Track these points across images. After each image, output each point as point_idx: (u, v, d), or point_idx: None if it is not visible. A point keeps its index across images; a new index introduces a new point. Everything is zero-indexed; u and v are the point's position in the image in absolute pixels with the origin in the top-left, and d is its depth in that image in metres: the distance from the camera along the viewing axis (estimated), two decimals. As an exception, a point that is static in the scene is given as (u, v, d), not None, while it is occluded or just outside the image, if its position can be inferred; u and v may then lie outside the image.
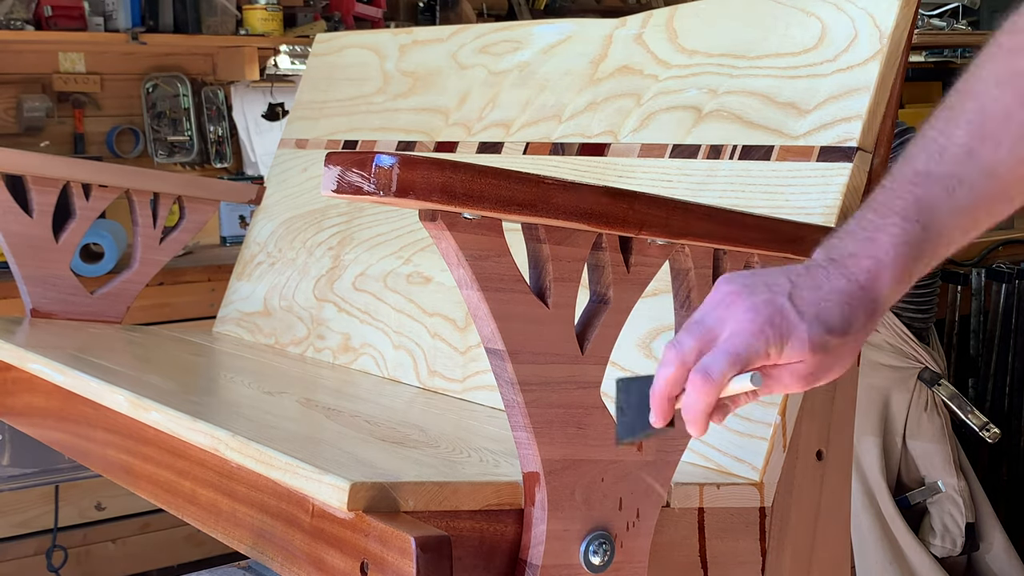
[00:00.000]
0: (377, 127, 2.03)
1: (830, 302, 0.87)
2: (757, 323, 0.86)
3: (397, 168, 0.91)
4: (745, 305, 0.87)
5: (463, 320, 1.64)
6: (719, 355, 0.87)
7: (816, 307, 0.87)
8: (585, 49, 1.73)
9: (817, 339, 0.86)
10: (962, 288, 2.57)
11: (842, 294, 0.87)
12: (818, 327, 0.86)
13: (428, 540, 0.95)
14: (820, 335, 0.86)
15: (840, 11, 1.39)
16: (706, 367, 0.87)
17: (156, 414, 1.28)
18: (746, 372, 0.86)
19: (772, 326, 0.86)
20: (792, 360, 0.87)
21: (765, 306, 0.87)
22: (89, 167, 2.03)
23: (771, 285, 0.88)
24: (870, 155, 1.33)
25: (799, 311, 0.86)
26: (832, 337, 0.86)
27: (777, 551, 1.31)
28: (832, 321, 0.87)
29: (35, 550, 2.91)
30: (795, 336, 0.86)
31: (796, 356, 0.86)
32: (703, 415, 0.88)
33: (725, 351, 0.86)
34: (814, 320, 0.86)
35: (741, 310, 0.87)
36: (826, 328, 0.86)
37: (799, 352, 0.86)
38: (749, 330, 0.86)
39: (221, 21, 3.48)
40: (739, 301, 0.87)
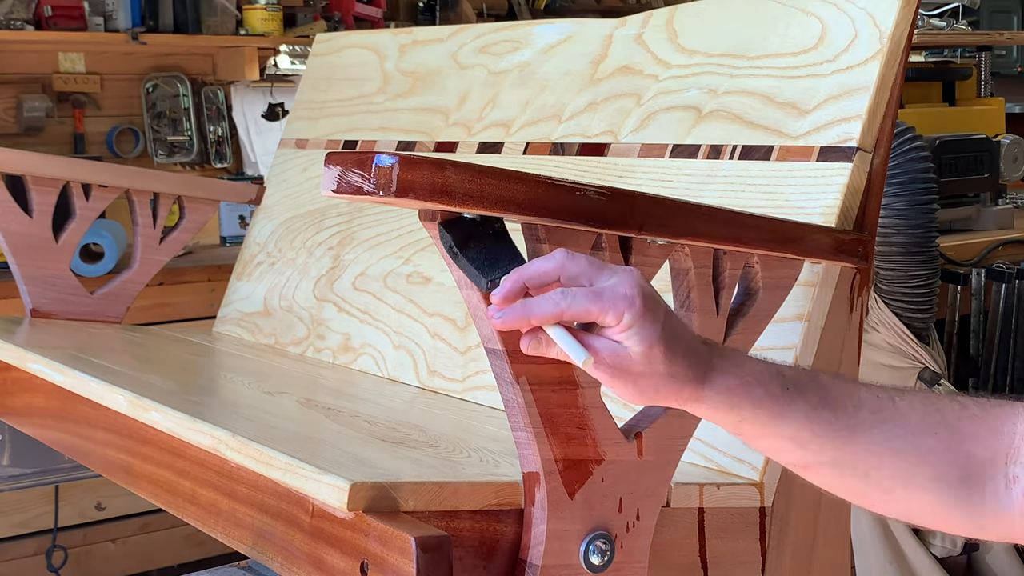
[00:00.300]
0: (377, 127, 2.03)
1: (684, 340, 0.92)
2: (632, 292, 0.90)
3: (397, 168, 0.91)
4: (634, 279, 0.91)
5: (463, 320, 1.64)
6: (583, 292, 0.90)
7: (676, 332, 0.92)
8: (585, 49, 1.73)
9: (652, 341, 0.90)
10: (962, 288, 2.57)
11: (692, 351, 0.93)
12: (663, 338, 0.91)
13: (428, 540, 0.95)
14: (656, 342, 0.90)
15: (840, 11, 1.39)
16: (569, 291, 0.90)
17: (156, 414, 1.28)
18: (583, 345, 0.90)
19: (640, 301, 0.90)
20: (620, 338, 0.90)
21: (646, 296, 0.91)
22: (89, 167, 2.03)
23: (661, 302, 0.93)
24: (870, 155, 1.33)
25: (664, 316, 0.91)
26: (660, 352, 0.90)
27: (777, 551, 1.31)
28: (674, 348, 0.91)
29: (35, 550, 2.92)
30: (646, 324, 0.90)
31: (629, 340, 0.90)
32: (527, 321, 0.91)
33: (591, 291, 0.90)
34: (664, 331, 0.91)
35: (629, 280, 0.91)
36: (666, 343, 0.91)
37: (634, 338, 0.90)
38: (622, 293, 0.90)
39: (221, 21, 3.48)
40: (634, 277, 0.92)
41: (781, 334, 1.28)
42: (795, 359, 1.29)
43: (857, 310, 1.37)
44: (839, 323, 1.34)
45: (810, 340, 1.30)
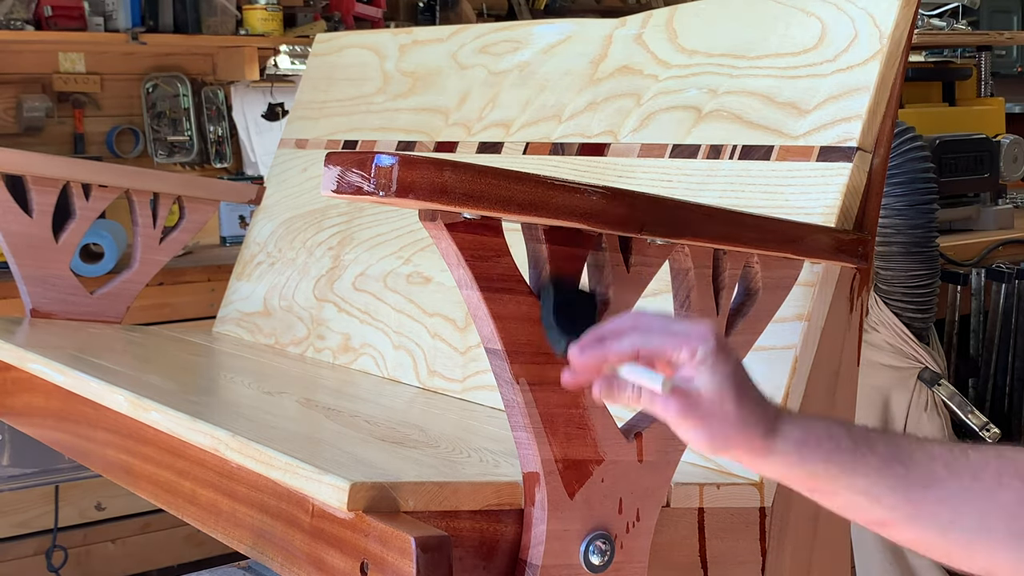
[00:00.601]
0: (377, 127, 2.03)
1: (753, 389, 0.93)
2: (706, 332, 0.92)
3: (397, 168, 0.91)
4: (708, 325, 0.93)
5: (463, 320, 1.64)
6: (658, 331, 0.93)
7: (747, 380, 0.93)
8: (585, 49, 1.73)
9: (723, 380, 0.91)
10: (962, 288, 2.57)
11: (760, 400, 0.94)
12: (734, 379, 0.92)
13: (428, 540, 0.95)
14: (726, 382, 0.91)
15: (840, 11, 1.39)
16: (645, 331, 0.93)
17: (156, 414, 1.28)
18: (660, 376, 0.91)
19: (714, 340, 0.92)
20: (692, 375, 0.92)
21: (719, 338, 0.93)
22: (89, 167, 2.03)
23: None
24: (870, 155, 1.33)
25: (736, 363, 0.93)
26: (730, 394, 0.91)
27: (777, 551, 1.31)
28: (745, 393, 0.92)
29: (35, 550, 2.91)
30: (719, 363, 0.92)
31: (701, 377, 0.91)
32: (603, 358, 0.93)
33: (666, 330, 0.93)
34: (735, 374, 0.92)
35: (704, 325, 0.93)
36: (737, 386, 0.92)
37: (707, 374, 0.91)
38: (696, 331, 0.92)
39: (221, 21, 3.48)
40: (708, 324, 0.94)
41: (781, 334, 1.28)
42: (795, 359, 1.29)
43: (857, 310, 1.37)
44: (839, 323, 1.34)
45: (810, 340, 1.30)
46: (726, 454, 0.94)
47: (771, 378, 1.29)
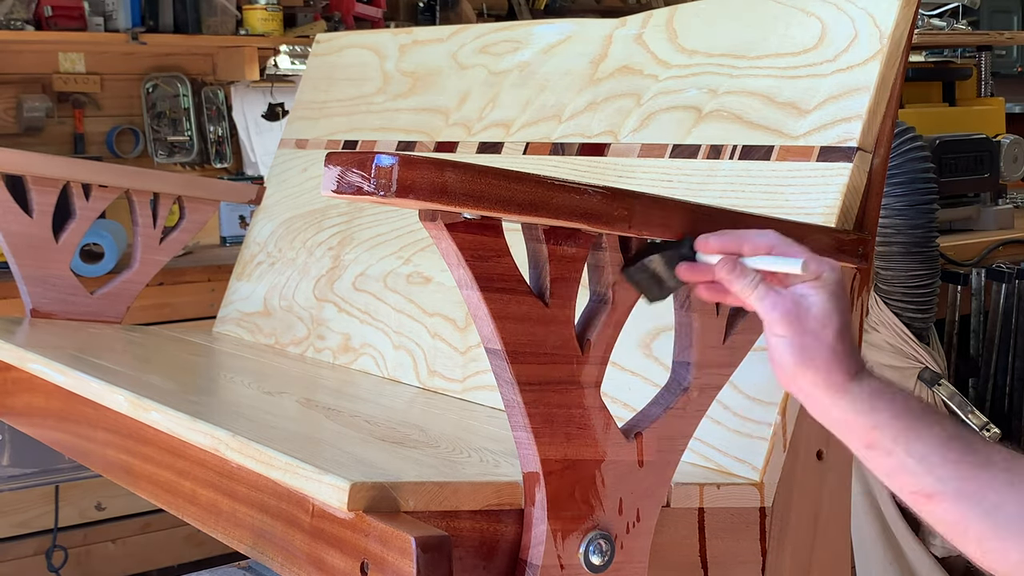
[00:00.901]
0: (377, 127, 2.03)
1: (853, 333, 0.99)
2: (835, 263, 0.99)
3: (397, 168, 0.91)
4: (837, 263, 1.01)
5: (463, 320, 1.64)
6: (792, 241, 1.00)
7: (851, 323, 0.98)
8: (585, 49, 1.73)
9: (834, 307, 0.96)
10: (962, 288, 2.57)
11: (855, 345, 0.99)
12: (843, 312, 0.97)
13: (428, 540, 0.95)
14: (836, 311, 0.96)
15: (840, 11, 1.39)
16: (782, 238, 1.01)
17: (156, 414, 1.28)
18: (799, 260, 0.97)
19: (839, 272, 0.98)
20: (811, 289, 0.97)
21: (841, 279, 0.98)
22: (89, 167, 2.03)
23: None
24: (870, 155, 1.33)
25: (848, 305, 0.98)
26: (835, 321, 0.96)
27: (777, 551, 1.31)
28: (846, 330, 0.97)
29: (35, 550, 2.92)
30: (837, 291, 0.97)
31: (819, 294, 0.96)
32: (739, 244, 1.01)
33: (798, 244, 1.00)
34: (845, 312, 0.97)
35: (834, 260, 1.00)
36: (843, 320, 0.97)
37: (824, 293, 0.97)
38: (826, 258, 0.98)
39: (221, 21, 3.48)
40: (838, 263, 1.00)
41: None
42: (795, 359, 1.29)
43: (857, 310, 1.37)
44: (839, 323, 1.34)
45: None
46: (803, 380, 0.97)
47: (771, 378, 1.29)
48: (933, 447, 0.93)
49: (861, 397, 0.95)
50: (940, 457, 0.93)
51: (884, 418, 0.94)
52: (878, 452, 0.96)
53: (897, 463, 0.95)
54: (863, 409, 0.95)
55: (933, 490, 0.93)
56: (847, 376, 0.95)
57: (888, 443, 0.94)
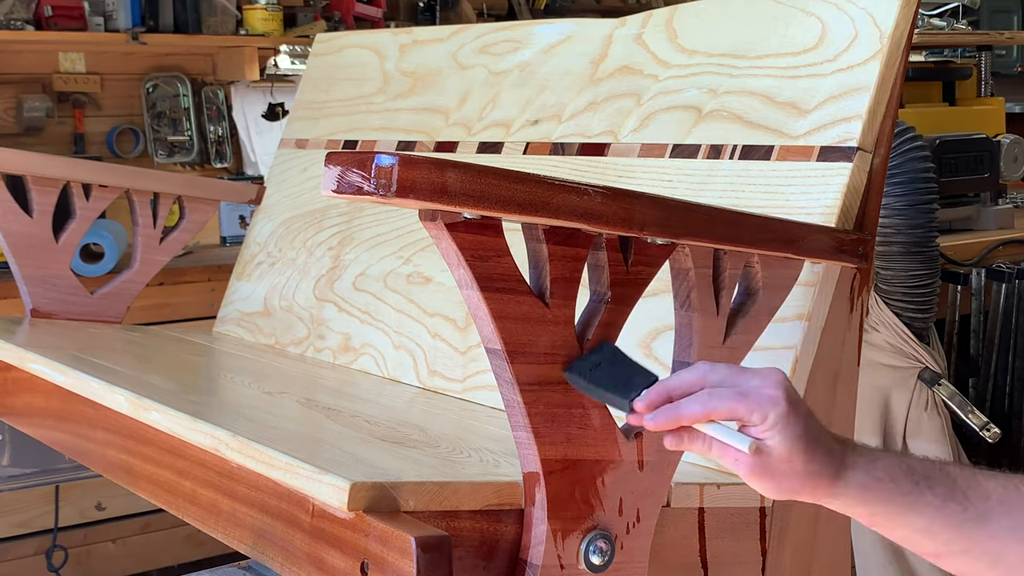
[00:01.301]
0: (377, 127, 2.03)
1: (822, 441, 0.98)
2: (777, 394, 0.97)
3: (397, 168, 0.91)
4: (778, 380, 0.98)
5: (463, 320, 1.64)
6: (729, 392, 0.97)
7: (816, 433, 0.98)
8: (585, 49, 1.73)
9: (793, 441, 0.97)
10: (962, 288, 2.57)
11: (828, 451, 0.99)
12: (803, 438, 0.97)
13: (428, 540, 0.95)
14: (796, 442, 0.97)
15: (840, 11, 1.39)
16: (716, 392, 0.97)
17: (156, 414, 1.28)
18: (743, 433, 0.97)
19: (785, 402, 0.97)
20: (763, 437, 0.97)
21: (790, 397, 0.97)
22: (89, 167, 2.03)
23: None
24: (870, 155, 1.33)
25: (806, 417, 0.98)
26: (800, 452, 0.97)
27: (777, 551, 1.31)
28: (813, 448, 0.98)
29: (35, 550, 2.91)
30: (789, 425, 0.97)
31: (772, 440, 0.97)
32: (676, 421, 0.98)
33: (737, 391, 0.97)
34: (805, 432, 0.97)
35: (773, 381, 0.97)
36: (806, 444, 0.97)
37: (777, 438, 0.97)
38: (767, 394, 0.97)
39: (221, 21, 3.48)
40: (778, 378, 0.98)
41: (781, 334, 1.28)
42: (795, 359, 1.29)
43: (857, 310, 1.37)
44: (839, 323, 1.34)
45: (810, 340, 1.30)
46: (794, 498, 1.01)
47: (771, 378, 1.29)
48: (931, 518, 0.98)
49: (850, 496, 0.99)
50: (940, 525, 0.98)
51: (879, 507, 0.99)
52: (883, 531, 1.01)
53: (903, 536, 1.01)
54: (857, 504, 1.00)
55: (940, 552, 0.99)
56: (830, 484, 0.99)
57: (889, 525, 1.00)
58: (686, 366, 1.13)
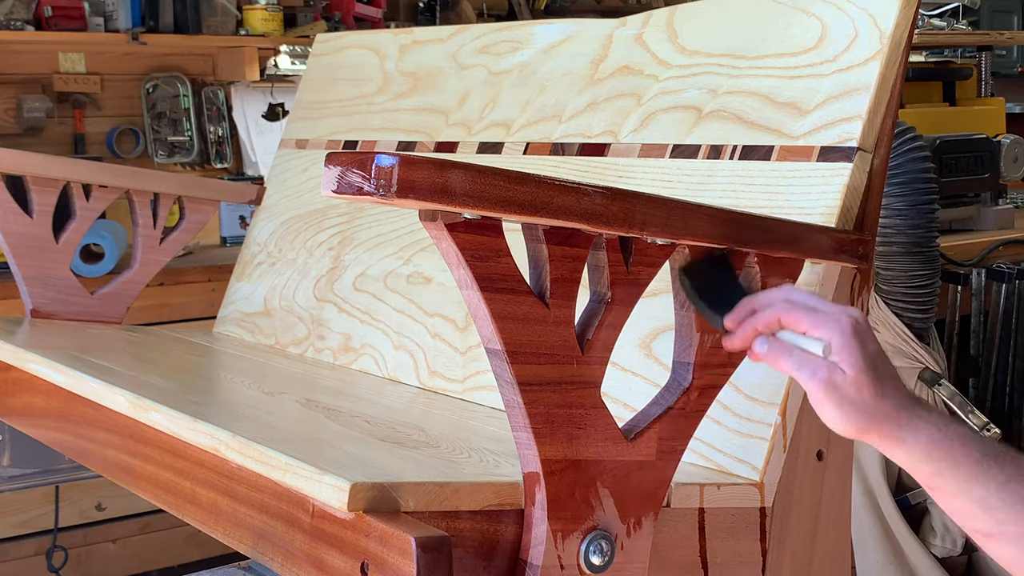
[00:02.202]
0: (377, 127, 2.03)
1: (892, 380, 1.02)
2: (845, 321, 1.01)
3: (397, 168, 0.91)
4: (851, 312, 1.02)
5: (463, 320, 1.64)
6: (803, 305, 1.03)
7: (886, 370, 1.02)
8: (585, 49, 1.73)
9: (861, 366, 1.00)
10: (962, 288, 2.57)
11: (899, 391, 1.02)
12: (870, 367, 1.01)
13: (428, 540, 0.95)
14: (864, 369, 1.00)
15: (840, 11, 1.39)
16: (792, 301, 1.04)
17: (156, 414, 1.28)
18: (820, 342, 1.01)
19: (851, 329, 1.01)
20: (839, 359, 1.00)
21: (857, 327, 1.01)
22: (89, 167, 2.03)
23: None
24: (870, 155, 1.33)
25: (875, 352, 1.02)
26: (867, 380, 1.00)
27: (777, 551, 1.31)
28: (882, 382, 1.01)
29: (35, 550, 2.92)
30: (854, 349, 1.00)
31: (842, 361, 1.00)
32: (754, 328, 1.05)
33: (810, 306, 1.03)
34: (873, 362, 1.01)
35: (846, 312, 1.02)
36: (874, 374, 1.01)
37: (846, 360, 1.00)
38: (836, 318, 1.01)
39: (221, 21, 3.48)
40: (852, 311, 1.02)
41: (781, 334, 1.28)
42: (795, 359, 1.29)
43: (857, 310, 1.36)
44: (839, 323, 1.34)
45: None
46: (859, 438, 1.01)
47: (771, 378, 1.29)
48: (992, 491, 0.98)
49: (917, 447, 0.99)
50: (999, 500, 0.98)
51: (944, 467, 0.99)
52: (940, 494, 1.01)
53: (959, 505, 1.00)
54: (921, 456, 1.00)
55: (992, 531, 0.99)
56: (897, 426, 1.00)
57: (950, 487, 0.99)
58: (686, 366, 1.14)
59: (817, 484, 1.35)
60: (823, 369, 1.00)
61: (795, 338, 1.02)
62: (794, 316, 1.02)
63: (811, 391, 1.00)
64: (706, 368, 1.14)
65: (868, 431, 1.00)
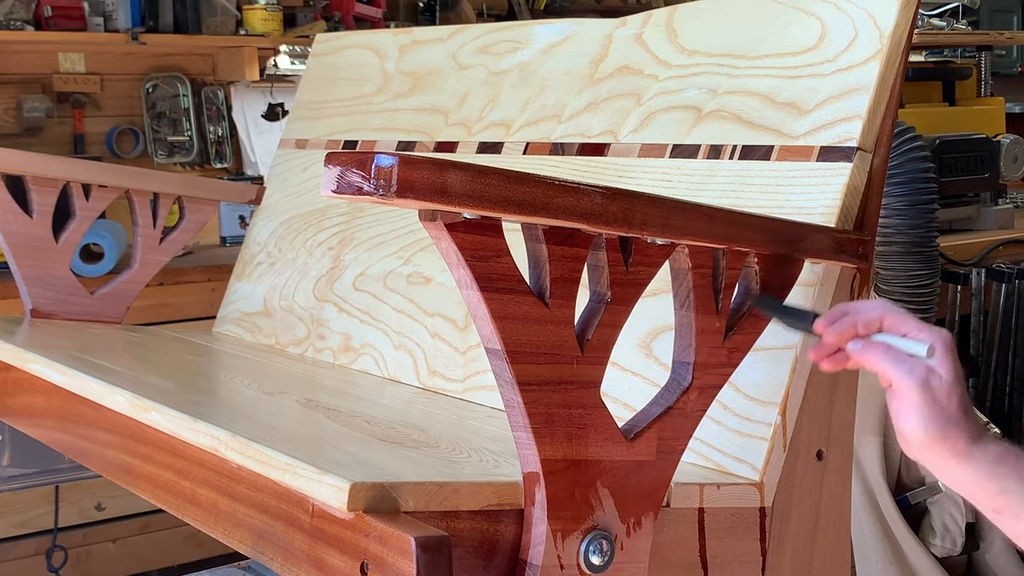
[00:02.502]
0: (377, 127, 2.03)
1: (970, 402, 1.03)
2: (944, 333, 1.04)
3: (397, 168, 0.91)
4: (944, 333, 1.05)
5: (463, 320, 1.64)
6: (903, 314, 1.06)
7: (967, 394, 1.03)
8: (585, 49, 1.73)
9: (956, 379, 1.02)
10: (962, 288, 2.57)
11: (974, 413, 1.03)
12: (961, 384, 1.03)
13: (428, 540, 0.95)
14: (958, 383, 1.02)
15: (840, 11, 1.39)
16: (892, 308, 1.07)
17: (156, 414, 1.28)
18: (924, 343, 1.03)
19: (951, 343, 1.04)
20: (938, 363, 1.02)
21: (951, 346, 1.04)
22: (89, 167, 2.03)
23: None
24: (870, 155, 1.33)
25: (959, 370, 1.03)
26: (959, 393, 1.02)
27: (777, 551, 1.31)
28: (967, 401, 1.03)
29: (35, 550, 2.92)
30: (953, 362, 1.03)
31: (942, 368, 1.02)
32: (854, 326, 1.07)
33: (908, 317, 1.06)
34: (962, 382, 1.03)
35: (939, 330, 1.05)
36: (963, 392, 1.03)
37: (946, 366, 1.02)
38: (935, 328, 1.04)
39: (221, 21, 3.48)
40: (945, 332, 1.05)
41: (781, 334, 1.28)
42: (795, 359, 1.29)
43: (857, 310, 1.36)
44: (839, 323, 1.34)
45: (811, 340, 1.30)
46: (930, 450, 1.02)
47: (771, 378, 1.29)
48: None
49: (985, 463, 1.00)
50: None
51: (1010, 484, 0.99)
52: (1007, 516, 1.01)
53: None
54: (988, 473, 1.00)
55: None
56: (969, 441, 1.00)
57: (1016, 507, 0.99)
58: (686, 366, 1.14)
59: (817, 484, 1.35)
60: (921, 368, 1.01)
61: (894, 339, 1.04)
62: (900, 318, 1.04)
63: (905, 388, 1.01)
64: (706, 368, 1.14)
65: (942, 440, 1.00)
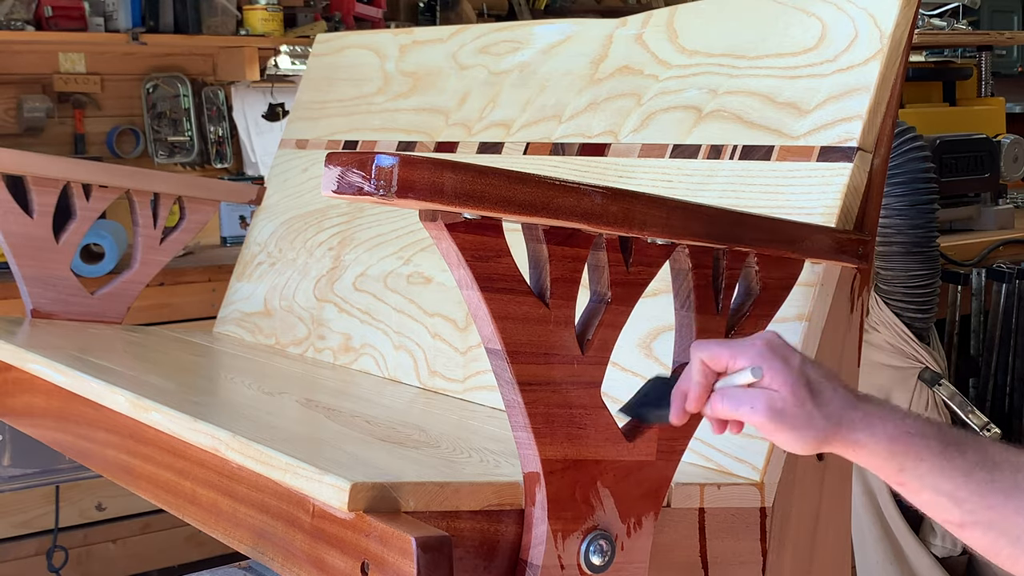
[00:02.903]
0: (377, 127, 2.03)
1: (831, 383, 0.99)
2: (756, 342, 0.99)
3: (397, 168, 0.91)
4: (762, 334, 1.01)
5: (463, 320, 1.64)
6: (715, 344, 1.01)
7: (819, 375, 0.99)
8: (585, 49, 1.73)
9: (793, 380, 0.97)
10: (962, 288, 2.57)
11: (841, 394, 0.99)
12: (802, 376, 0.98)
13: (428, 540, 0.95)
14: (797, 381, 0.98)
15: (840, 11, 1.39)
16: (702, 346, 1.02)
17: (156, 414, 1.28)
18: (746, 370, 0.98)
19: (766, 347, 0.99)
20: (768, 381, 0.98)
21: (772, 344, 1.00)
22: (89, 167, 2.03)
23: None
24: (870, 155, 1.33)
25: (800, 361, 0.99)
26: (805, 391, 0.97)
27: (777, 551, 1.31)
28: (821, 389, 0.98)
29: (36, 550, 2.91)
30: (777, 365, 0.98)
31: (773, 382, 0.97)
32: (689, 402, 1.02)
33: (720, 343, 1.01)
34: (802, 372, 0.98)
35: (756, 335, 1.01)
36: (809, 383, 0.98)
37: (777, 379, 0.97)
38: (747, 342, 0.99)
39: (221, 21, 3.48)
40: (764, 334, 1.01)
41: (782, 334, 1.28)
42: (795, 359, 1.29)
43: (857, 310, 1.37)
44: (839, 323, 1.34)
45: (810, 340, 1.30)
46: (828, 449, 0.99)
47: (771, 378, 1.29)
48: (958, 482, 0.96)
49: (878, 447, 0.98)
50: (966, 491, 0.96)
51: (908, 462, 0.97)
52: (908, 490, 0.99)
53: (928, 500, 0.98)
54: (883, 455, 0.98)
55: (963, 521, 0.97)
56: (851, 430, 0.98)
57: (915, 483, 0.98)
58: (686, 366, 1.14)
59: (817, 484, 1.35)
60: (760, 399, 0.97)
61: (724, 380, 1.00)
62: (711, 353, 1.00)
63: (758, 424, 0.98)
64: (706, 368, 1.14)
65: (828, 442, 0.98)
